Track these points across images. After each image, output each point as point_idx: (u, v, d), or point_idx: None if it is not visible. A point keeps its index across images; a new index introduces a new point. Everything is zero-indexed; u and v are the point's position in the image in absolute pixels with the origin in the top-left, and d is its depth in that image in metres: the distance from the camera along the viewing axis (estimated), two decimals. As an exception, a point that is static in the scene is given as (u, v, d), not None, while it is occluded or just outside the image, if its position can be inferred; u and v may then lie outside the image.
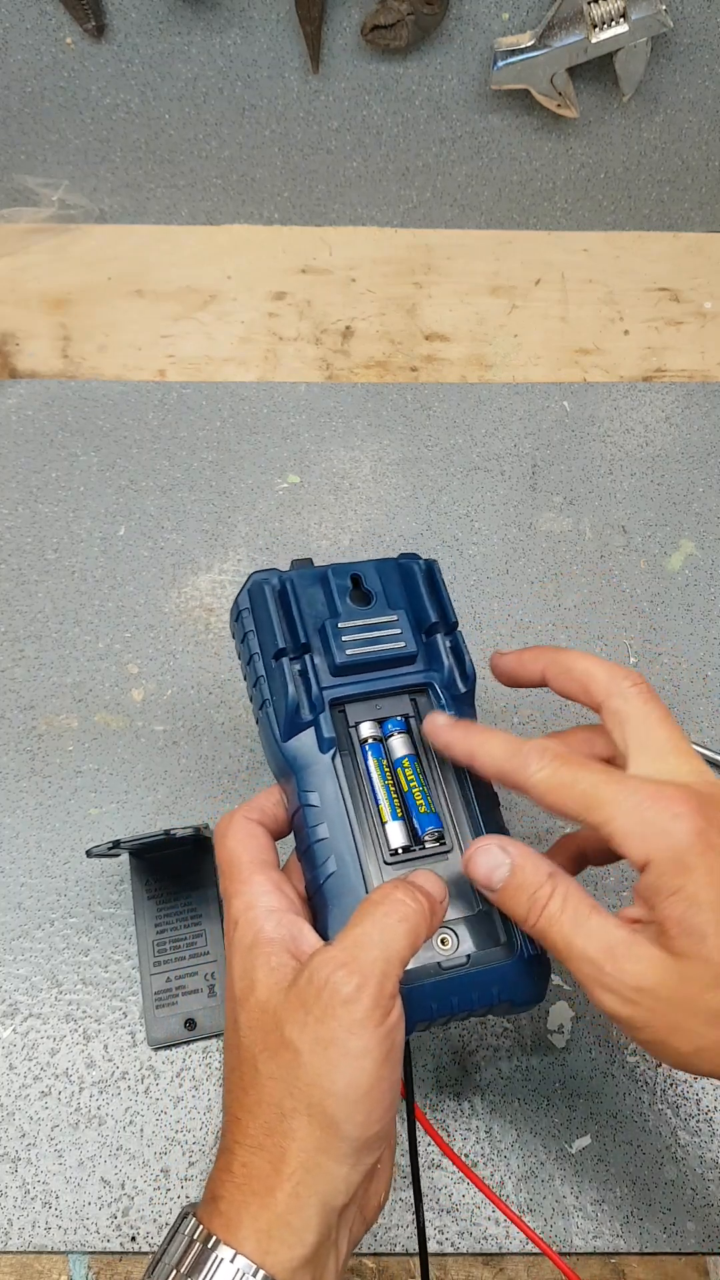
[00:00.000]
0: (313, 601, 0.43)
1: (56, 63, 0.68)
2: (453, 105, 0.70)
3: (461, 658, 0.44)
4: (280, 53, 0.68)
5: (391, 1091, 0.35)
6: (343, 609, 0.43)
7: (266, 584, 0.44)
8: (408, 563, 0.46)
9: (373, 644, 0.42)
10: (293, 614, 0.43)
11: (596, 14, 0.64)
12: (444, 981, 0.38)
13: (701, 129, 0.72)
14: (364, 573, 0.44)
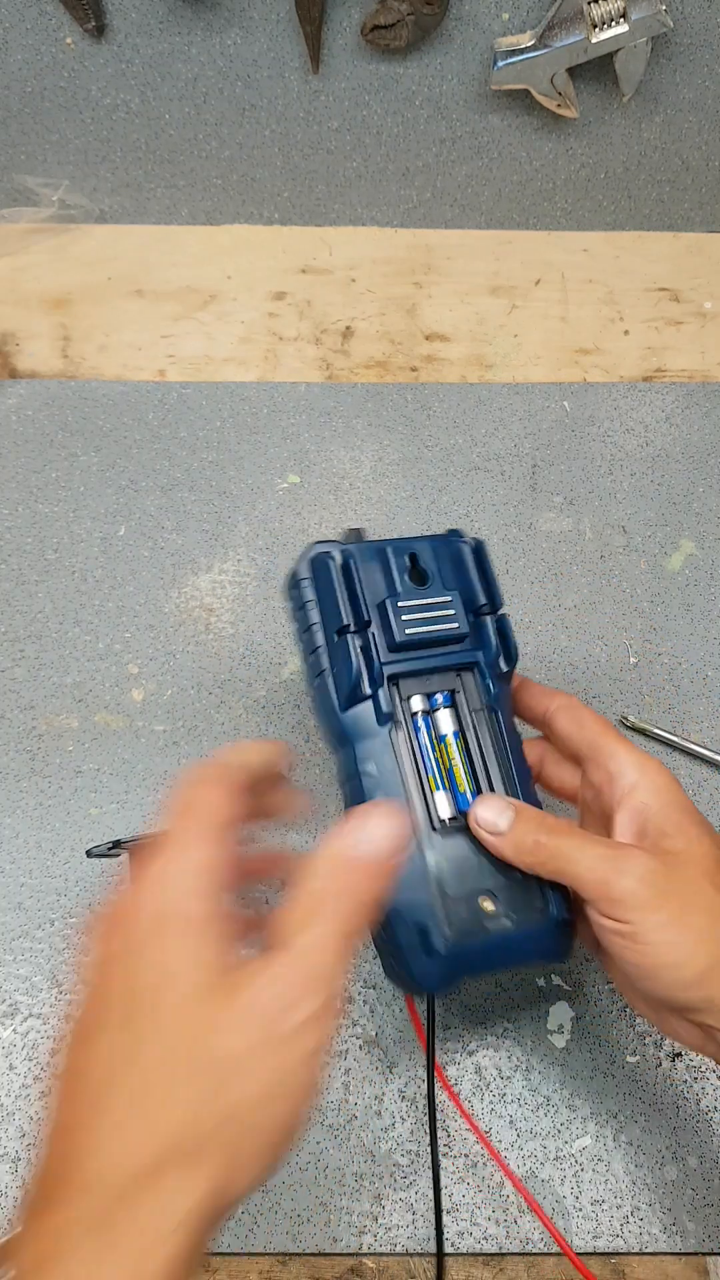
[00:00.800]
0: (373, 578, 0.45)
1: (56, 63, 0.68)
2: (453, 105, 0.70)
3: (507, 639, 0.45)
4: (280, 53, 0.68)
5: (288, 1151, 0.30)
6: (402, 588, 0.45)
7: (330, 557, 0.45)
8: (458, 542, 0.47)
9: (429, 624, 0.44)
10: (356, 590, 0.44)
11: (596, 14, 0.64)
12: (487, 941, 0.41)
13: (701, 129, 0.72)
14: (420, 551, 0.46)
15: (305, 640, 0.45)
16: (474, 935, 0.40)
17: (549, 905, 0.42)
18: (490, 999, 0.53)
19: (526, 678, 0.48)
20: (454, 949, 0.40)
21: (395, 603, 0.44)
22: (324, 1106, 0.50)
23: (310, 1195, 0.49)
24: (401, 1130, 0.50)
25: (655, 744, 0.60)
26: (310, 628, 0.45)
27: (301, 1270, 0.48)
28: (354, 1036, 0.52)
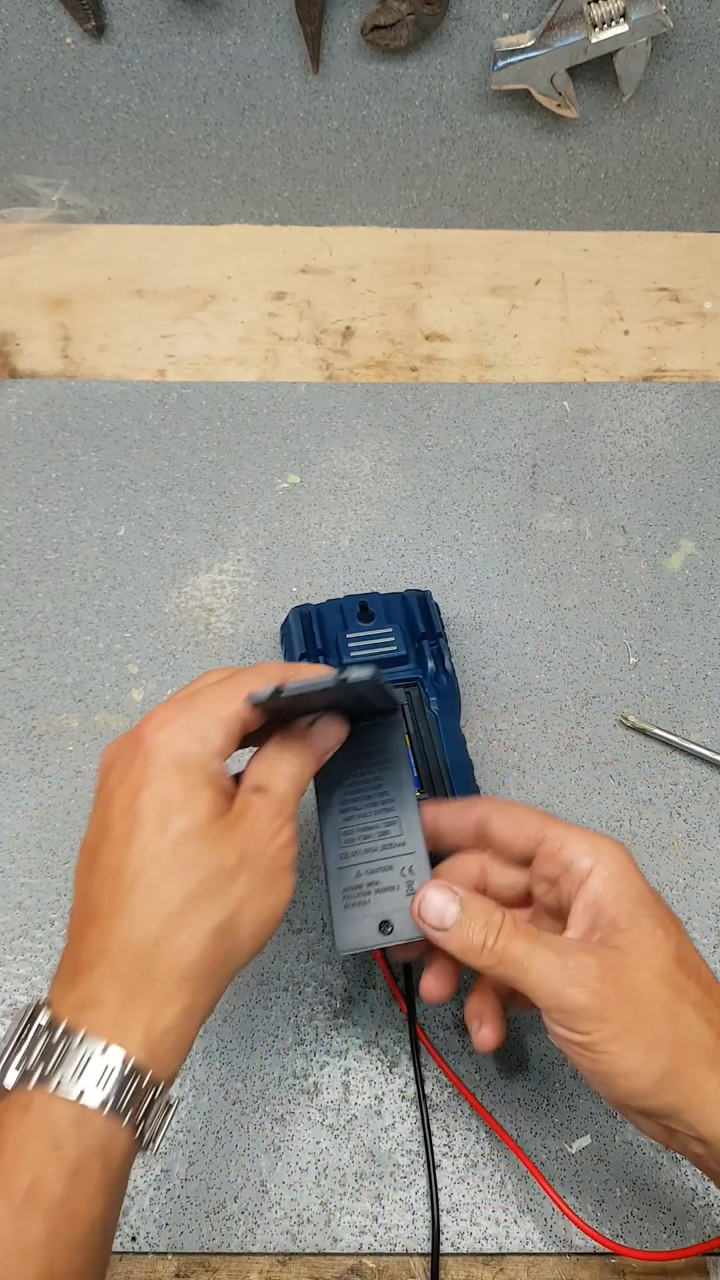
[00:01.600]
0: (332, 621, 0.57)
1: (56, 63, 0.68)
2: (453, 105, 0.70)
3: (441, 658, 0.56)
4: (280, 53, 0.68)
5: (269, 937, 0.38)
6: (351, 625, 0.57)
7: (299, 611, 0.58)
8: (409, 593, 0.59)
9: (373, 648, 0.55)
10: (313, 630, 0.57)
11: (596, 14, 0.64)
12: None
13: (701, 129, 0.72)
14: (370, 600, 0.58)
15: None
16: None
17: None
18: (490, 999, 0.53)
19: (435, 800, 0.47)
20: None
21: (344, 635, 0.56)
22: (324, 1106, 0.50)
23: (310, 1195, 0.49)
24: (401, 1130, 0.50)
25: (655, 744, 0.60)
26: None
27: (301, 1270, 0.48)
28: (354, 1037, 0.52)
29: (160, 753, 0.37)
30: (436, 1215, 0.48)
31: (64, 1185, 0.31)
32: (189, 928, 0.35)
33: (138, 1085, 0.33)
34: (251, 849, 0.37)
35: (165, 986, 0.35)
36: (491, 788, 0.58)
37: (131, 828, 0.37)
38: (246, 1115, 0.50)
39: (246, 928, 0.37)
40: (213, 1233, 0.48)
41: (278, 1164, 0.49)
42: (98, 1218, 0.32)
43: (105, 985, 0.34)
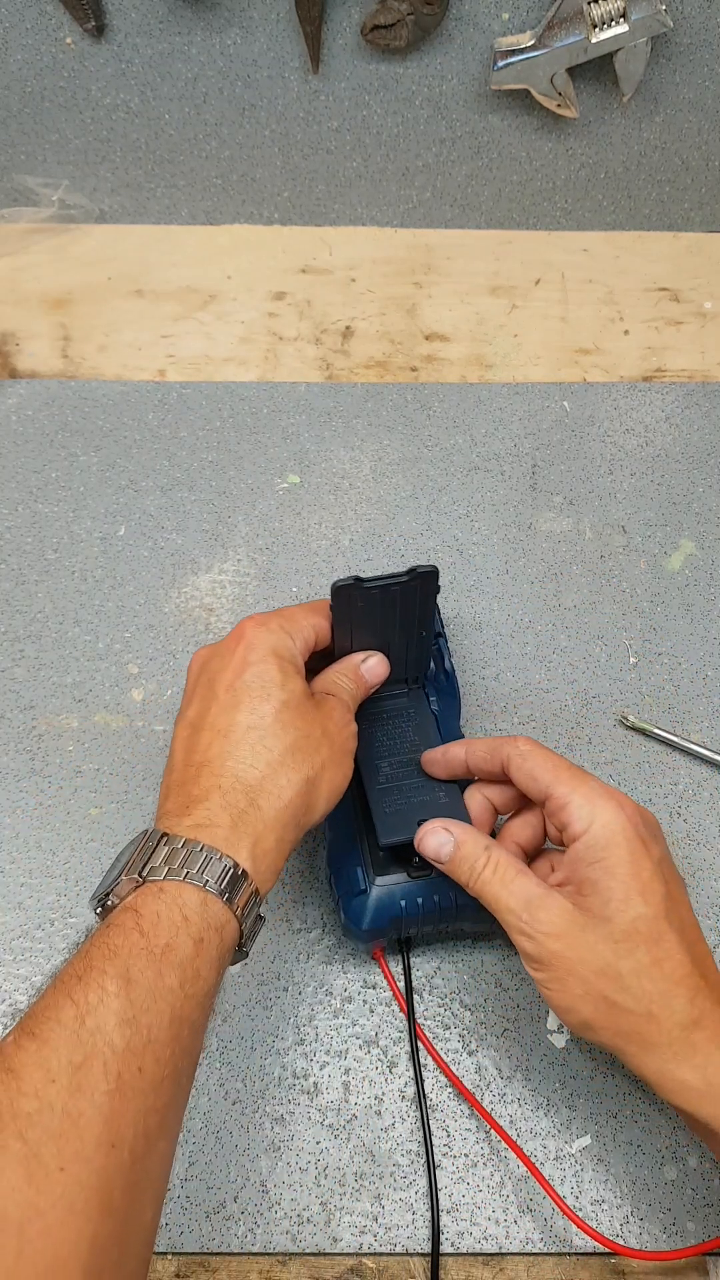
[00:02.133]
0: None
1: (56, 63, 0.68)
2: (453, 105, 0.70)
3: (441, 658, 0.56)
4: (280, 53, 0.68)
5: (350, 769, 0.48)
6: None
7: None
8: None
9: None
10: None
11: (596, 14, 0.64)
12: (411, 885, 0.49)
13: (701, 129, 0.72)
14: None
15: None
16: (398, 879, 0.49)
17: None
18: (490, 999, 0.53)
19: (473, 738, 0.51)
20: (379, 890, 0.49)
21: None
22: (324, 1106, 0.50)
23: (310, 1195, 0.49)
24: (401, 1130, 0.50)
25: (655, 744, 0.60)
26: None
27: (301, 1270, 0.48)
28: (354, 1036, 0.52)
29: (260, 644, 0.47)
30: (436, 1215, 0.48)
31: (191, 949, 0.38)
32: (287, 774, 0.44)
33: (245, 887, 0.41)
34: (330, 728, 0.46)
35: (266, 816, 0.43)
36: (491, 788, 0.58)
37: (238, 698, 0.45)
38: (246, 1115, 0.50)
39: (324, 787, 0.45)
40: (213, 1233, 0.48)
41: (278, 1164, 0.49)
42: (212, 986, 0.39)
43: (218, 813, 0.42)
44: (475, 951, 0.54)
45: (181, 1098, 0.38)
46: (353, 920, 0.50)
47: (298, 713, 0.45)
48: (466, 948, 0.54)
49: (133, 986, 0.37)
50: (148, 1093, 0.36)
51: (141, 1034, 0.36)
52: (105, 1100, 0.34)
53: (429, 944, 0.54)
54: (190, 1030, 0.38)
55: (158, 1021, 0.37)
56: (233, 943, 0.41)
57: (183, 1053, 0.38)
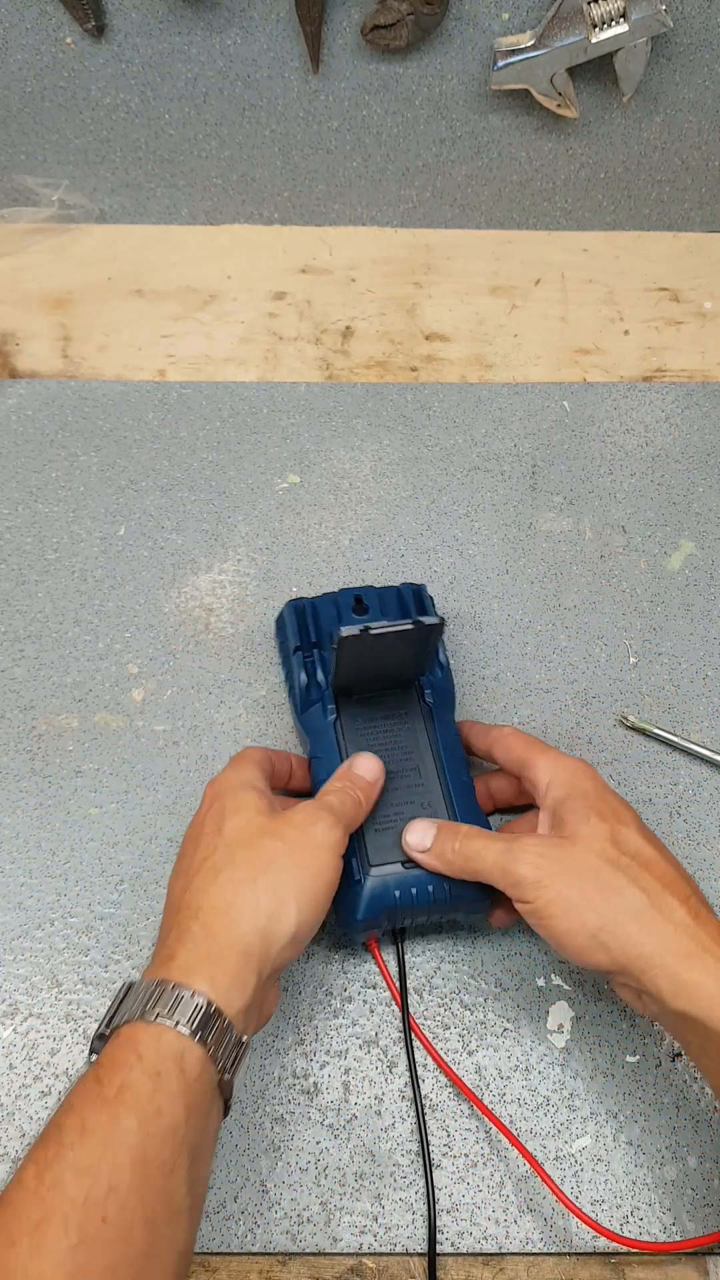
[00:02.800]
0: (327, 614, 0.58)
1: (56, 63, 0.68)
2: (453, 105, 0.70)
3: (436, 653, 0.57)
4: (280, 53, 0.68)
5: (324, 909, 0.46)
6: (346, 617, 0.57)
7: (294, 605, 0.59)
8: (404, 586, 0.59)
9: None
10: (307, 623, 0.58)
11: (596, 14, 0.64)
12: (405, 877, 0.50)
13: (701, 129, 0.72)
14: (365, 594, 0.59)
15: (284, 667, 0.59)
16: (392, 870, 0.50)
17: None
18: (490, 999, 0.53)
19: (470, 720, 0.57)
20: (375, 881, 0.49)
21: (339, 628, 0.54)
22: (324, 1106, 0.50)
23: (310, 1195, 0.49)
24: (401, 1130, 0.50)
25: (655, 744, 0.60)
26: (284, 660, 0.59)
27: (301, 1270, 0.48)
28: (354, 1036, 0.52)
29: (214, 791, 0.49)
30: (433, 1215, 0.48)
31: (149, 1085, 0.38)
32: (243, 896, 0.43)
33: (196, 1005, 0.40)
34: (290, 835, 0.46)
35: (220, 941, 0.42)
36: (491, 788, 0.58)
37: (197, 843, 0.47)
38: (246, 1115, 0.50)
39: (290, 898, 0.44)
40: (213, 1233, 0.48)
41: (278, 1164, 0.49)
42: (180, 1120, 0.38)
43: (174, 947, 0.42)
44: (475, 951, 0.54)
45: (163, 1245, 0.36)
46: (346, 911, 0.50)
47: (249, 840, 0.46)
48: (466, 947, 0.54)
49: (88, 1135, 0.36)
50: (116, 1243, 0.34)
51: (101, 1183, 0.35)
52: (68, 1257, 0.33)
53: (428, 943, 0.54)
54: (161, 1171, 0.36)
55: (118, 1168, 0.35)
56: (199, 1069, 0.39)
57: (154, 1195, 0.36)
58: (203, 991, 0.40)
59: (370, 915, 0.49)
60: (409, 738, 0.54)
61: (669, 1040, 0.52)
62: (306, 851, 0.45)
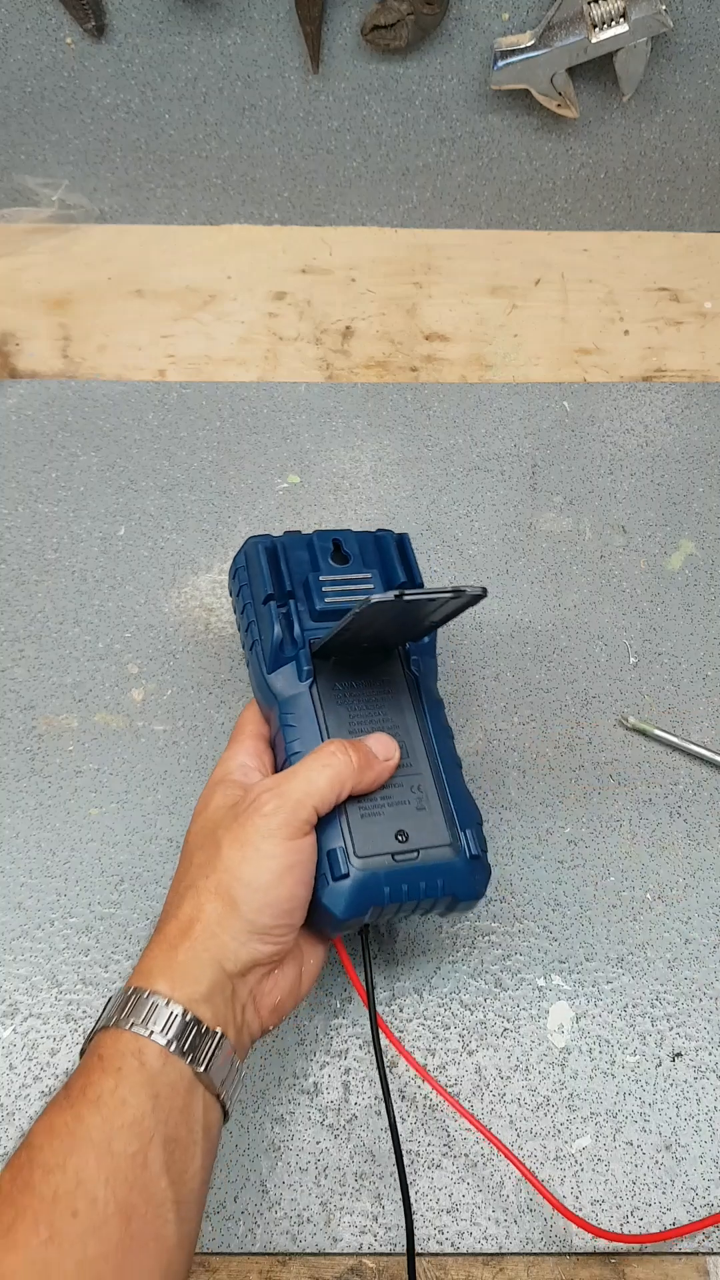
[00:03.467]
0: (299, 559, 0.51)
1: (56, 63, 0.69)
2: (453, 105, 0.70)
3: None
4: (280, 53, 0.68)
5: (291, 899, 0.43)
6: (324, 566, 0.51)
7: (260, 544, 0.51)
8: (383, 534, 0.53)
9: (348, 595, 0.49)
10: (280, 568, 0.50)
11: (596, 14, 0.64)
12: (395, 870, 0.45)
13: (701, 129, 0.72)
14: (344, 539, 0.52)
15: (240, 622, 0.52)
16: (382, 864, 0.44)
17: (462, 842, 0.46)
18: (490, 999, 0.53)
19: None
20: (362, 874, 0.44)
21: (317, 576, 0.50)
22: (324, 1106, 0.50)
23: (310, 1195, 0.49)
24: (401, 1130, 0.50)
25: (655, 744, 0.60)
26: (244, 608, 0.51)
27: (301, 1270, 0.48)
28: (354, 1037, 0.52)
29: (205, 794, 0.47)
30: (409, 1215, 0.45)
31: (111, 1081, 0.38)
32: (194, 890, 0.43)
33: (146, 1002, 0.40)
34: (235, 829, 0.43)
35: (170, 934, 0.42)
36: (491, 788, 0.58)
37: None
38: (246, 1115, 0.50)
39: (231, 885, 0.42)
40: (213, 1233, 0.48)
41: (278, 1164, 0.49)
42: (146, 1111, 0.38)
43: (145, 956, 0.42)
44: (475, 951, 0.54)
45: (145, 1239, 0.36)
46: (328, 906, 0.44)
47: (203, 833, 0.45)
48: (466, 947, 0.54)
49: (54, 1137, 0.37)
50: (88, 1237, 0.35)
51: (69, 1178, 0.35)
52: (39, 1253, 0.34)
53: (428, 943, 0.54)
54: (132, 1163, 0.37)
55: (84, 1162, 0.36)
56: (161, 1061, 0.39)
57: (127, 1187, 0.36)
58: (160, 991, 0.40)
59: (354, 914, 0.44)
60: (394, 709, 0.48)
61: (669, 1040, 0.52)
62: (251, 846, 0.42)
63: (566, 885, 0.56)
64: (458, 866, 0.46)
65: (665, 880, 0.56)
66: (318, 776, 0.44)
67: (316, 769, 0.44)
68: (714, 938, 0.55)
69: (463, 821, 0.47)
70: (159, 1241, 0.37)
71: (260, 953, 0.42)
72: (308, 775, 0.44)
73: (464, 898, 0.46)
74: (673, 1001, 0.53)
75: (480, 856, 0.46)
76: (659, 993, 0.53)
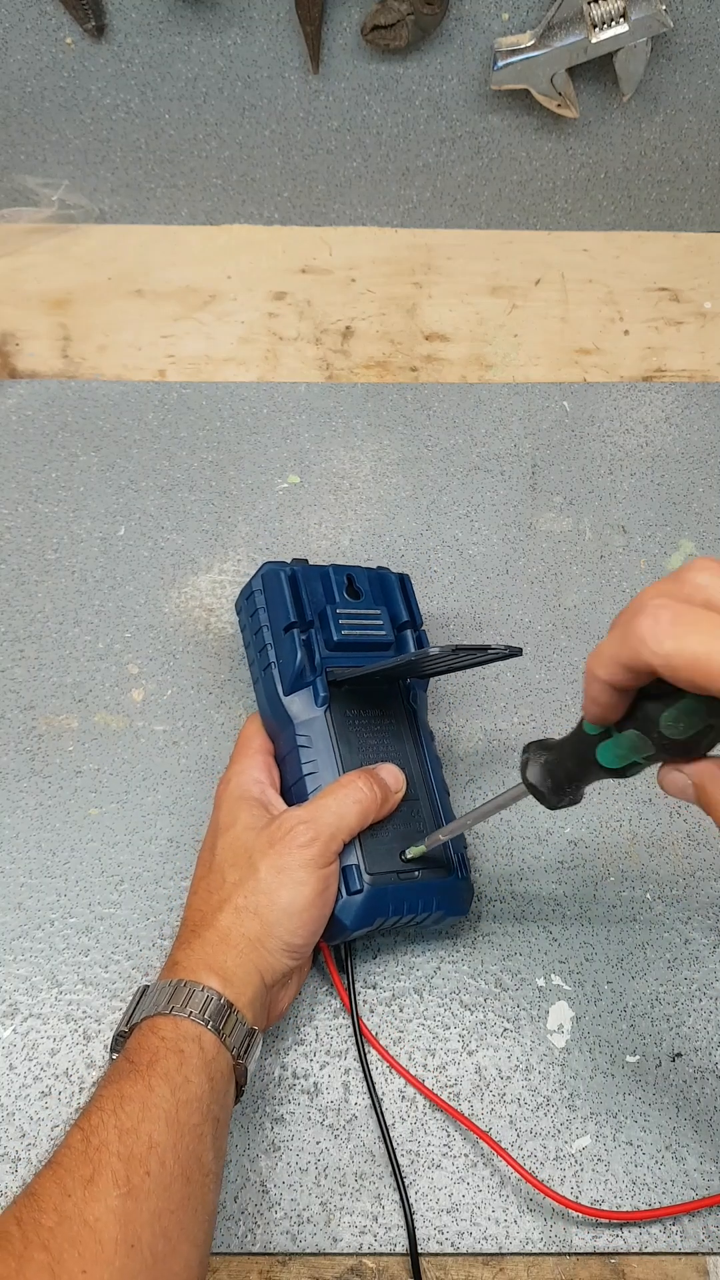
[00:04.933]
0: (315, 590, 0.55)
1: (56, 63, 0.69)
2: (453, 105, 0.70)
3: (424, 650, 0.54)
4: (280, 53, 0.68)
5: (316, 921, 0.47)
6: (340, 599, 0.55)
7: (280, 571, 0.55)
8: (386, 573, 0.57)
9: (361, 629, 0.54)
10: (300, 597, 0.54)
11: (596, 14, 0.64)
12: (400, 887, 0.49)
13: (701, 129, 0.72)
14: (355, 574, 0.56)
15: (254, 641, 0.55)
16: (389, 880, 0.49)
17: (454, 865, 0.51)
18: (490, 999, 0.53)
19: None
20: (372, 889, 0.48)
21: (334, 609, 0.53)
22: (324, 1106, 0.50)
23: (310, 1195, 0.49)
24: (401, 1130, 0.50)
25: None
26: (260, 630, 0.55)
27: (301, 1270, 0.48)
28: (354, 1037, 0.52)
29: (218, 797, 0.52)
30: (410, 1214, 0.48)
31: (175, 1060, 0.42)
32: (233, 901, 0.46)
33: (205, 997, 0.43)
34: (271, 856, 0.47)
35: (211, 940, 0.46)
36: (491, 788, 0.58)
37: (202, 854, 0.51)
38: (246, 1115, 0.50)
39: (268, 909, 0.46)
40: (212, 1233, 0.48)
41: (278, 1164, 0.49)
42: (205, 1091, 0.41)
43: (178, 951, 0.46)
44: (475, 951, 0.54)
45: (196, 1202, 0.40)
46: (342, 917, 0.49)
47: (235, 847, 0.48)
48: (466, 947, 0.54)
49: (127, 1102, 0.40)
50: (159, 1193, 0.38)
51: (143, 1140, 0.39)
52: (119, 1204, 0.37)
53: (428, 943, 0.54)
54: (193, 1134, 0.40)
55: (156, 1128, 0.40)
56: (215, 1050, 0.43)
57: (188, 1155, 0.40)
58: (213, 986, 0.44)
59: (362, 926, 0.49)
60: (395, 738, 0.53)
61: (669, 1040, 0.52)
62: (288, 874, 0.46)
63: (566, 885, 0.56)
64: (450, 886, 0.51)
65: (665, 880, 0.56)
66: (348, 811, 0.48)
67: (348, 803, 0.48)
68: (714, 938, 0.55)
69: (454, 844, 0.51)
70: (204, 1207, 0.41)
71: (289, 966, 0.47)
72: (339, 810, 0.48)
73: (453, 914, 0.51)
74: (673, 1002, 0.53)
75: (468, 877, 0.52)
76: (659, 993, 0.53)
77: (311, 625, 0.54)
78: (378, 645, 0.54)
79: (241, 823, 0.49)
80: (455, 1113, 0.49)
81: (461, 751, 0.59)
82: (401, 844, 0.50)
